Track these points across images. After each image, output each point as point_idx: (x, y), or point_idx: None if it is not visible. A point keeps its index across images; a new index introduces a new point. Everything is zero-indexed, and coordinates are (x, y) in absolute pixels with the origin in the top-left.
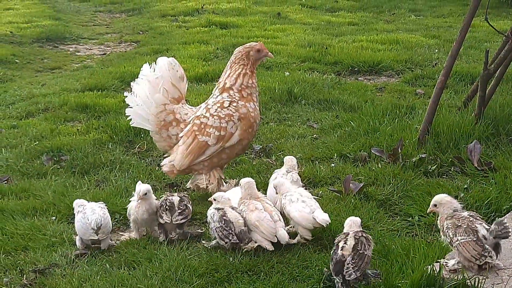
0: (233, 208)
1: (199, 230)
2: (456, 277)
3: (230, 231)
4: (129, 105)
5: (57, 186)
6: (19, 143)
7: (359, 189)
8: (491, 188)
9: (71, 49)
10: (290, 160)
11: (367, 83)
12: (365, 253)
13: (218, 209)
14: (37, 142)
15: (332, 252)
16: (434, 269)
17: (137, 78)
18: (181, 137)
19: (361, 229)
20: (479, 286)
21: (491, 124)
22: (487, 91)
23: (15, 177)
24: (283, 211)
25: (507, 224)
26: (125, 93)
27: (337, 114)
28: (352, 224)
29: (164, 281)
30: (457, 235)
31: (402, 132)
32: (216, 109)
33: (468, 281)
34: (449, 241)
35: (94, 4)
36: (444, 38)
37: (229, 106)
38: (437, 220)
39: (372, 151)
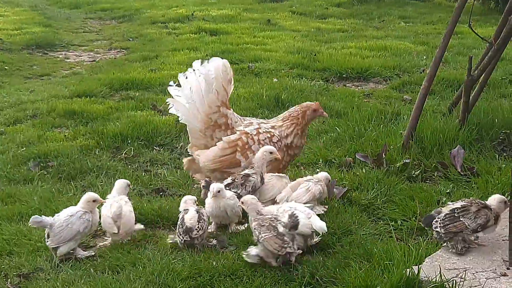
0: (197, 211)
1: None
2: (435, 279)
3: (183, 229)
4: (177, 99)
5: (43, 192)
6: (6, 149)
7: (343, 193)
8: (473, 193)
9: (60, 56)
10: None
11: (354, 90)
12: (461, 219)
13: (184, 209)
14: (24, 148)
15: None
16: (413, 272)
17: (181, 74)
18: (222, 141)
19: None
20: None
21: (475, 129)
22: (471, 97)
23: (1, 183)
24: None
25: (298, 216)
26: (171, 83)
27: (323, 119)
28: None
29: (147, 285)
30: (261, 233)
31: (387, 137)
32: (265, 138)
33: (446, 283)
34: (256, 238)
35: (84, 11)
36: (432, 45)
37: (276, 142)
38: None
39: (357, 157)
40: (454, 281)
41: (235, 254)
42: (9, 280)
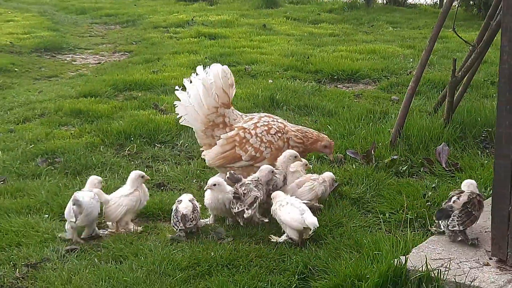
0: (191, 201)
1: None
2: (421, 269)
3: (177, 219)
4: (180, 102)
5: (50, 186)
6: (15, 146)
7: (334, 188)
8: (457, 188)
9: (67, 59)
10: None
11: (345, 90)
12: (473, 212)
13: (178, 200)
14: (32, 145)
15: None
16: (400, 261)
17: (188, 77)
18: (222, 138)
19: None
20: (442, 277)
21: (459, 127)
22: (455, 97)
23: (11, 178)
24: (275, 217)
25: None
26: (176, 88)
27: (316, 119)
28: (469, 185)
29: (148, 275)
30: None
31: (375, 135)
32: (262, 131)
33: (432, 273)
34: None
35: (90, 16)
36: (419, 48)
37: (274, 134)
38: None
39: (347, 153)
40: (439, 270)
41: (232, 245)
42: (17, 269)
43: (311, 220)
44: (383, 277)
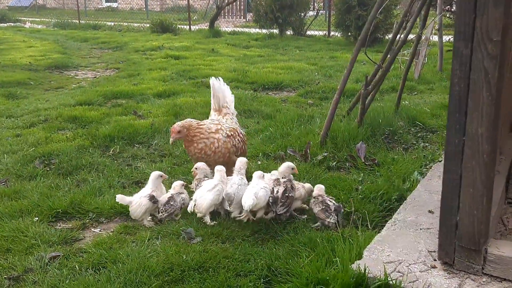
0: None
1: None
2: (379, 276)
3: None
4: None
5: (43, 188)
6: (19, 149)
7: None
8: (379, 180)
9: (72, 74)
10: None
11: (274, 97)
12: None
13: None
14: (33, 148)
15: None
16: (360, 269)
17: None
18: None
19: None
20: (399, 285)
21: (369, 128)
22: (365, 104)
23: (12, 180)
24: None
25: None
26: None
27: (258, 120)
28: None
29: (125, 284)
30: None
31: (307, 135)
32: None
33: (390, 280)
34: None
35: (90, 43)
36: (319, 65)
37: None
38: None
39: (288, 151)
40: (396, 277)
41: (201, 246)
42: None
43: (244, 201)
44: (346, 285)
